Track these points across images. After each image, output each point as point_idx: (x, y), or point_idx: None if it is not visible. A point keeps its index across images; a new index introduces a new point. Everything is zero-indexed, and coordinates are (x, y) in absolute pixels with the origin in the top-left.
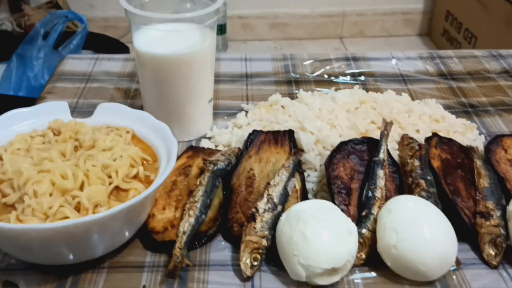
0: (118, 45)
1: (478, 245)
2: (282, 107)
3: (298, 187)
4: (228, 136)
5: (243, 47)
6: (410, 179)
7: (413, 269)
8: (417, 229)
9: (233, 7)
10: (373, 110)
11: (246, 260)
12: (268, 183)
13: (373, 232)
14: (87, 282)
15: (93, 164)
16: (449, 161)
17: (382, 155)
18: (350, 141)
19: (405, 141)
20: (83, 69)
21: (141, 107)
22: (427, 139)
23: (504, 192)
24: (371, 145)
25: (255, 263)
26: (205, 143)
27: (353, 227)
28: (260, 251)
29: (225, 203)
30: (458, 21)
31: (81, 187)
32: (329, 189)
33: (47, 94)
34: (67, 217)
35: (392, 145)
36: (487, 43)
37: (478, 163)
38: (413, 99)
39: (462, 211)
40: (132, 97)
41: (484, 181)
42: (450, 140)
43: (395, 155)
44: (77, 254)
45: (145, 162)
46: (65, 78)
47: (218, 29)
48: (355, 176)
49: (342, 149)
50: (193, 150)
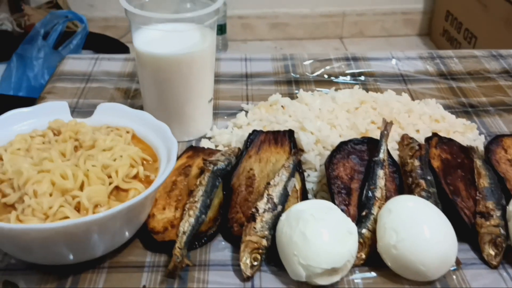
0: (118, 45)
1: (478, 245)
2: (282, 107)
3: (298, 187)
4: (228, 136)
5: (243, 47)
6: (410, 179)
7: (413, 269)
8: (417, 229)
9: (233, 7)
10: (373, 110)
11: (246, 260)
12: (268, 183)
13: (373, 232)
14: (87, 282)
15: (93, 164)
16: (449, 161)
17: (382, 155)
18: (350, 141)
19: (405, 141)
20: (83, 69)
21: (141, 107)
22: (427, 139)
23: (504, 192)
24: (371, 145)
25: (255, 263)
26: (205, 143)
27: (353, 227)
28: (260, 251)
29: (225, 203)
30: (458, 21)
31: (81, 187)
32: (329, 189)
33: (47, 94)
34: (67, 217)
35: (392, 145)
36: (487, 43)
37: (478, 163)
38: (413, 99)
39: (462, 211)
40: (132, 97)
41: (484, 181)
42: (450, 140)
43: (395, 155)
44: (77, 254)
45: (145, 162)
46: (65, 78)
47: (218, 29)
48: (355, 176)
49: (342, 149)
50: (193, 150)
